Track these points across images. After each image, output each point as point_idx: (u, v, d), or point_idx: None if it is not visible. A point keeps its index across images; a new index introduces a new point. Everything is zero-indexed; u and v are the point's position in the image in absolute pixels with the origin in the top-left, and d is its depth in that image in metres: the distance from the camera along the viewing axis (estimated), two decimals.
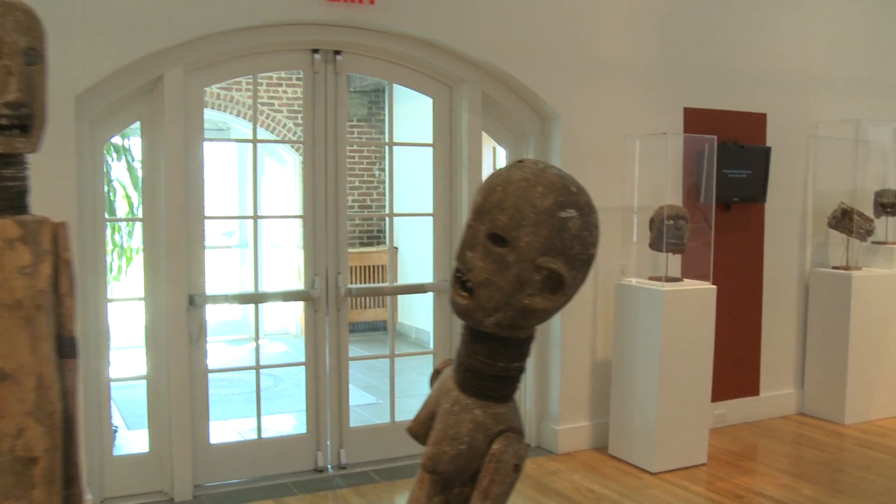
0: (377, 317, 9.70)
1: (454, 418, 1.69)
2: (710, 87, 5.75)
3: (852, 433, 5.87)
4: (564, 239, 1.55)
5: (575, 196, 1.60)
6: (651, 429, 5.00)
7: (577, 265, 1.59)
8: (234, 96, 9.07)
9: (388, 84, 5.32)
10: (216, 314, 8.91)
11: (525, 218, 1.53)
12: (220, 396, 7.10)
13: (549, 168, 1.63)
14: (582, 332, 5.37)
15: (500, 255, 1.55)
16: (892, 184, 6.39)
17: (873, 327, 6.05)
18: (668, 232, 5.03)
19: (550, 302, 1.59)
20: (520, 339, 1.68)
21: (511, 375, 1.73)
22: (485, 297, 1.58)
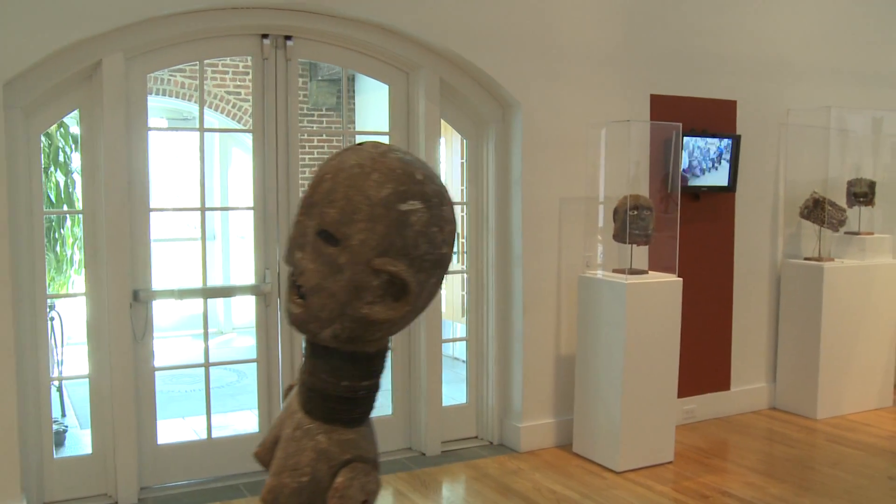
0: None
1: (295, 445, 1.43)
2: (677, 74, 5.58)
3: (824, 428, 5.73)
4: (406, 236, 1.29)
5: (420, 185, 1.32)
6: (615, 426, 4.85)
7: (426, 267, 1.32)
8: (198, 85, 8.83)
9: (342, 71, 5.13)
10: (182, 309, 8.71)
11: (357, 211, 1.28)
12: (180, 393, 6.92)
13: (392, 151, 1.36)
14: (545, 327, 5.21)
15: (331, 256, 1.30)
16: (866, 173, 6.24)
17: (845, 320, 5.91)
18: (631, 223, 4.86)
19: (393, 311, 1.33)
20: (367, 353, 1.42)
21: (360, 396, 1.45)
22: (318, 306, 1.33)
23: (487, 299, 5.30)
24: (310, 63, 9.16)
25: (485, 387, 5.36)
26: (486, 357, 5.33)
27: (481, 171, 5.29)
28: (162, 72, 8.66)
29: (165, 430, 4.99)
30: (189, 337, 8.65)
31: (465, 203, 5.35)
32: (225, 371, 7.45)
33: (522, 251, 5.10)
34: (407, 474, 4.83)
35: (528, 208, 5.09)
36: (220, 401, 6.56)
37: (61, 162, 6.86)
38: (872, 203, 6.12)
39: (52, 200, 7.03)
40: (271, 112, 4.71)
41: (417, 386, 5.14)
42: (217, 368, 7.40)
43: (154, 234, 4.59)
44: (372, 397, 1.48)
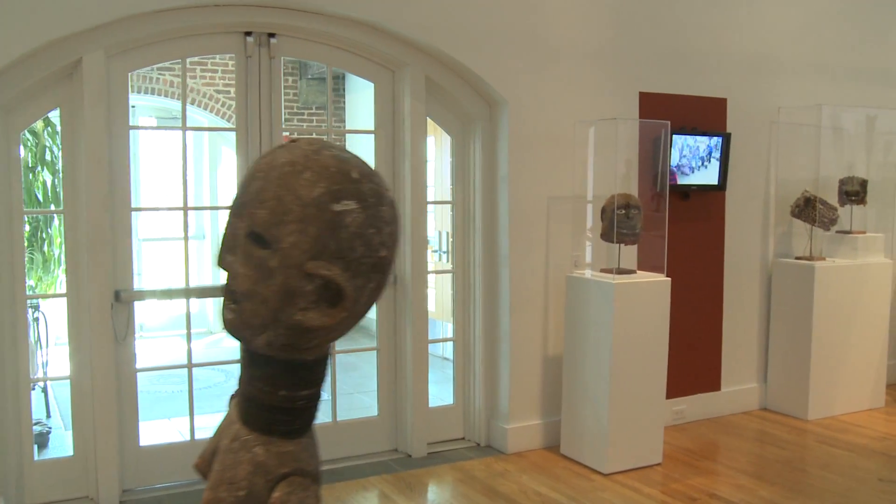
0: None
1: (232, 458, 1.36)
2: (666, 71, 5.53)
3: (815, 429, 5.68)
4: (341, 238, 1.22)
5: (356, 184, 1.25)
6: (602, 427, 4.80)
7: (363, 271, 1.25)
8: (189, 84, 8.78)
9: (328, 69, 5.08)
10: (173, 308, 8.66)
11: (288, 212, 1.20)
12: (168, 394, 6.87)
13: (328, 148, 1.28)
14: (532, 327, 5.16)
15: (262, 260, 1.23)
16: (858, 171, 6.19)
17: (837, 320, 5.86)
18: (619, 222, 4.82)
19: (329, 317, 1.25)
20: (305, 361, 1.34)
21: (299, 406, 1.38)
22: (249, 312, 1.26)
23: (474, 299, 5.25)
24: (299, 62, 9.10)
25: (471, 388, 5.31)
26: (473, 357, 5.28)
27: (468, 170, 5.24)
28: (150, 71, 8.62)
29: (149, 432, 4.95)
30: (179, 337, 8.61)
31: (452, 202, 5.29)
32: (213, 371, 7.40)
33: (509, 250, 5.05)
34: (392, 476, 4.78)
35: (515, 207, 5.04)
36: (208, 401, 6.51)
37: (48, 161, 6.81)
38: (864, 202, 6.07)
39: (40, 199, 6.98)
40: (255, 110, 4.66)
41: (403, 386, 5.09)
42: (205, 368, 7.35)
43: (145, 234, 4.56)
44: (313, 407, 1.41)
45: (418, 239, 4.99)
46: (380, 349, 5.12)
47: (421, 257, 5.02)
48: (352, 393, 6.72)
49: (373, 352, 5.20)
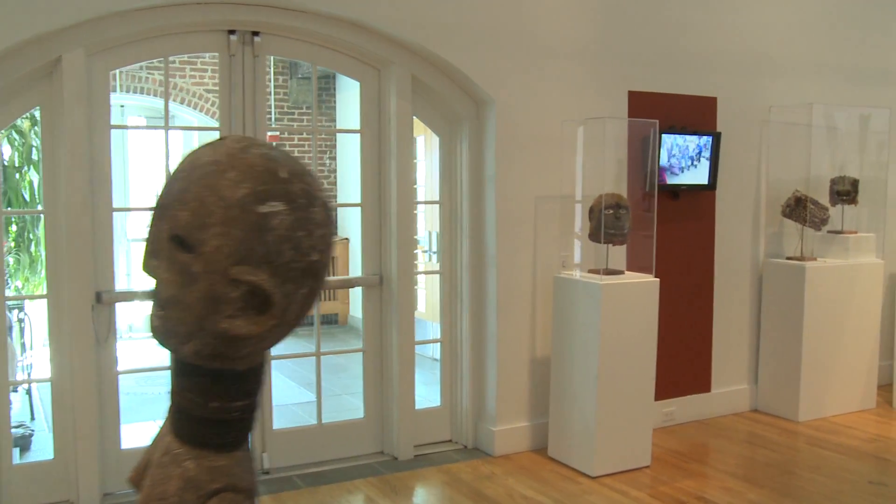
0: (330, 309, 9.41)
1: (162, 473, 1.29)
2: (656, 70, 5.48)
3: (805, 431, 5.64)
4: (268, 242, 1.15)
5: (284, 184, 1.18)
6: (590, 430, 4.75)
7: (293, 276, 1.19)
8: (177, 83, 8.74)
9: (313, 67, 5.03)
10: None
11: (211, 214, 1.14)
12: (155, 395, 6.81)
13: (256, 146, 1.21)
14: (520, 328, 5.11)
15: (185, 265, 1.17)
16: (851, 171, 6.15)
17: (827, 320, 5.81)
18: (607, 222, 4.77)
19: (257, 325, 1.18)
20: (237, 371, 1.27)
21: (233, 418, 1.30)
22: (174, 319, 1.20)
23: (461, 300, 5.20)
24: (289, 61, 9.05)
25: (458, 389, 5.26)
26: (460, 359, 5.24)
27: (455, 170, 5.19)
28: (139, 70, 8.56)
29: (134, 434, 4.89)
30: None
31: (440, 202, 5.24)
32: None
33: (496, 251, 5.00)
34: (377, 479, 4.73)
35: (503, 207, 4.99)
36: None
37: (35, 160, 6.76)
38: (856, 201, 6.03)
39: (27, 199, 6.93)
40: (238, 109, 4.61)
41: (389, 388, 5.04)
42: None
43: (134, 234, 4.49)
44: (247, 419, 1.34)
45: (405, 239, 4.94)
46: (366, 350, 5.07)
47: (407, 257, 4.97)
48: (340, 395, 6.67)
49: (361, 353, 5.14)
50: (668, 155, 5.43)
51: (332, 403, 6.47)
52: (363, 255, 5.06)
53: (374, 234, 5.01)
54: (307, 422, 5.48)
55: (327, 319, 9.46)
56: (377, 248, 5.02)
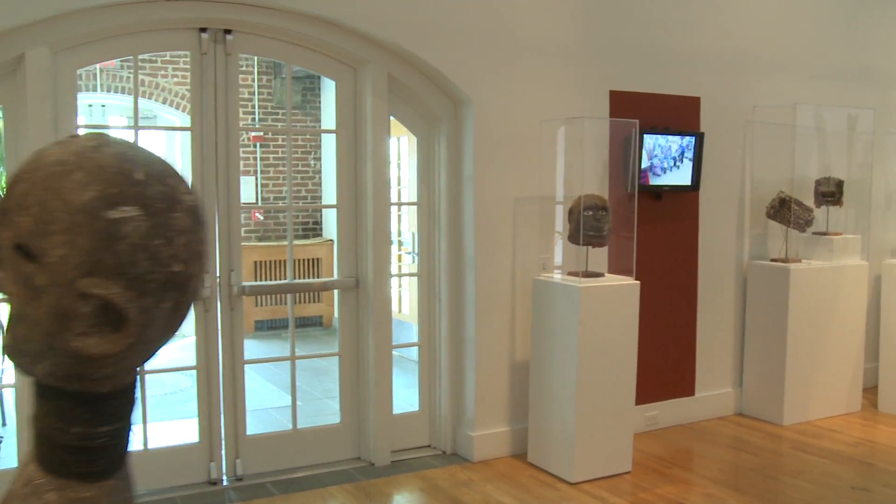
0: (315, 312, 9.32)
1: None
2: (638, 69, 5.40)
3: (790, 435, 5.56)
4: (119, 251, 1.03)
5: (139, 186, 1.06)
6: (569, 435, 4.67)
7: (151, 289, 1.06)
8: (159, 83, 8.64)
9: (287, 66, 4.93)
10: None
11: (54, 220, 1.02)
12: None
13: (111, 145, 1.08)
14: (499, 331, 5.02)
15: (30, 276, 1.05)
16: (835, 171, 6.07)
17: (813, 323, 5.74)
18: (586, 224, 4.68)
19: (112, 344, 1.06)
20: (100, 393, 1.14)
21: (99, 444, 1.16)
22: (22, 337, 1.08)
23: (439, 302, 5.11)
24: (273, 60, 8.95)
25: (437, 394, 5.17)
26: (439, 363, 5.15)
27: (433, 170, 5.10)
28: (120, 69, 8.46)
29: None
30: None
31: (417, 203, 5.16)
32: (181, 376, 7.23)
33: (475, 253, 4.91)
34: (353, 486, 4.64)
35: (481, 208, 4.91)
36: (173, 407, 6.37)
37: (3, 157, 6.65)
38: (840, 203, 5.96)
39: None
40: (210, 109, 4.51)
41: (366, 393, 4.95)
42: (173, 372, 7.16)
43: None
44: (118, 445, 1.19)
45: (381, 241, 4.85)
46: (342, 354, 4.98)
47: (383, 259, 4.88)
48: (321, 398, 6.58)
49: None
50: (649, 155, 5.35)
51: (313, 407, 6.38)
52: (338, 257, 4.97)
53: (349, 235, 4.92)
54: (282, 427, 5.38)
55: (311, 322, 9.37)
56: (353, 250, 4.93)
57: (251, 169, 9.16)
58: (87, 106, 8.75)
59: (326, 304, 9.09)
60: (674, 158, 5.40)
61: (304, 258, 9.17)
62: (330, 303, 9.15)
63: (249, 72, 9.20)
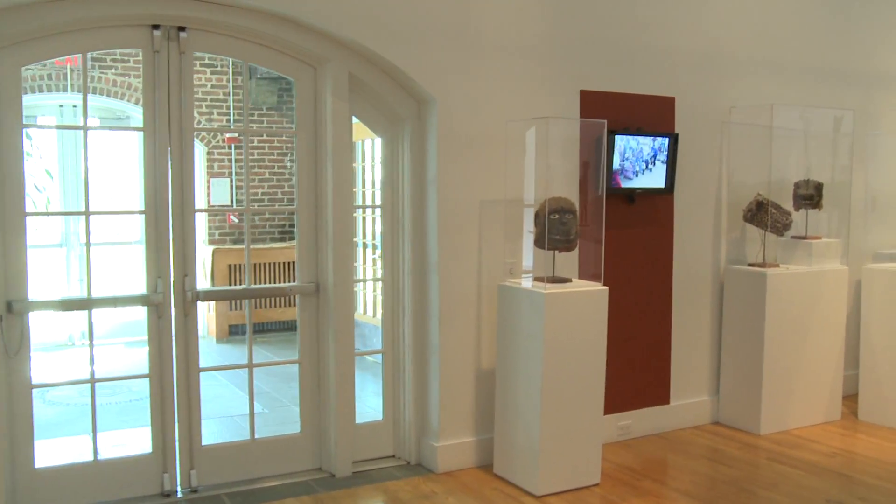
0: (291, 316, 9.16)
1: None
2: (610, 69, 5.25)
3: (766, 445, 5.41)
4: None
5: None
6: (534, 446, 4.51)
7: None
8: (131, 83, 8.48)
9: (244, 65, 4.78)
10: (118, 315, 8.34)
11: None
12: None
13: None
14: (464, 338, 4.87)
15: None
16: (815, 174, 5.93)
17: (791, 329, 5.59)
18: (552, 227, 4.53)
19: None
20: None
21: None
22: None
23: (403, 308, 4.97)
24: None
25: (401, 402, 5.02)
26: (403, 370, 5.00)
27: (397, 172, 4.96)
28: (92, 69, 8.32)
29: (50, 452, 4.64)
30: (122, 346, 8.30)
31: (381, 206, 5.01)
32: (139, 383, 7.07)
33: (438, 257, 4.76)
34: (311, 498, 4.48)
35: (445, 211, 4.76)
36: (134, 414, 6.22)
37: None
38: (820, 206, 5.81)
39: None
40: (164, 109, 4.36)
41: (327, 401, 4.80)
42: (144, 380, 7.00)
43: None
44: None
45: (342, 245, 4.71)
46: (301, 362, 4.83)
47: (345, 264, 4.73)
48: (288, 406, 6.42)
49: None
50: (621, 157, 5.20)
51: (280, 415, 6.24)
52: (298, 261, 4.82)
53: (310, 239, 4.78)
54: (239, 437, 5.20)
55: (288, 326, 9.22)
56: (314, 254, 4.78)
57: (226, 171, 9.02)
58: (58, 106, 8.59)
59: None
60: (645, 161, 5.25)
61: (281, 261, 9.02)
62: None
63: (224, 72, 9.05)
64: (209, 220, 9.12)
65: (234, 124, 9.15)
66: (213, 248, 8.79)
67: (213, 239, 9.05)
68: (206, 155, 8.98)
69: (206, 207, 9.17)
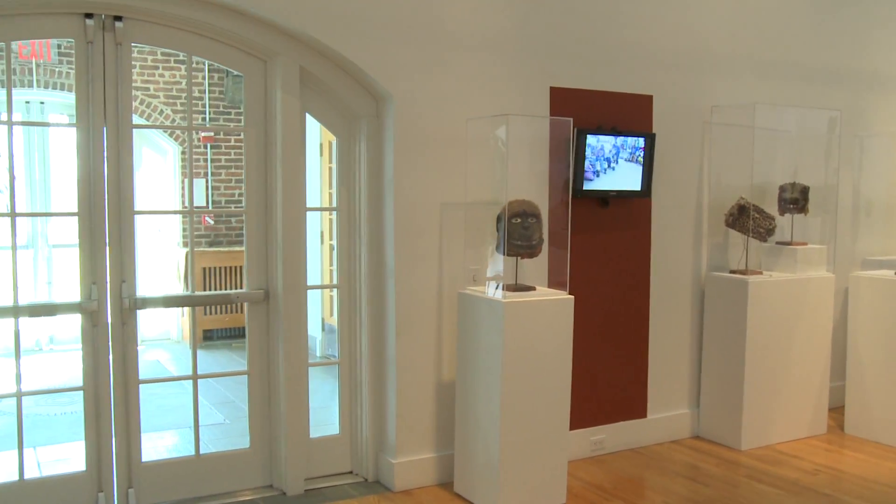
0: None
1: None
2: (583, 64, 4.97)
3: (747, 461, 5.12)
4: None
5: None
6: (494, 463, 4.23)
7: None
8: None
9: (189, 58, 4.51)
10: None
11: None
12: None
13: None
14: (423, 349, 4.60)
15: None
16: (801, 177, 5.64)
17: (773, 339, 5.30)
18: (513, 232, 4.26)
19: None
20: None
21: None
22: None
23: (360, 317, 4.69)
24: None
25: (358, 416, 4.75)
26: (360, 382, 4.73)
27: (353, 172, 4.69)
28: (60, 65, 8.07)
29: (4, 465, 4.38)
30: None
31: (337, 208, 4.74)
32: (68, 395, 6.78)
33: (395, 263, 4.49)
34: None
35: (403, 214, 4.48)
36: (57, 430, 5.94)
37: None
38: (806, 210, 5.53)
39: None
40: (99, 104, 4.10)
41: (277, 415, 4.53)
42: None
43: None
44: None
45: (291, 250, 4.43)
46: (250, 372, 4.56)
47: (296, 270, 4.46)
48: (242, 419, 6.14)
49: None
50: (594, 158, 4.91)
51: (243, 426, 5.92)
52: (247, 267, 4.55)
53: (259, 244, 4.50)
54: (183, 453, 4.94)
55: None
56: (263, 259, 4.51)
57: (202, 171, 8.76)
58: (24, 103, 8.33)
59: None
60: (607, 160, 4.96)
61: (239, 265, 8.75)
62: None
63: (200, 69, 8.79)
64: (183, 222, 8.86)
65: (209, 122, 8.89)
66: (186, 250, 8.53)
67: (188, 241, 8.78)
68: (181, 155, 8.72)
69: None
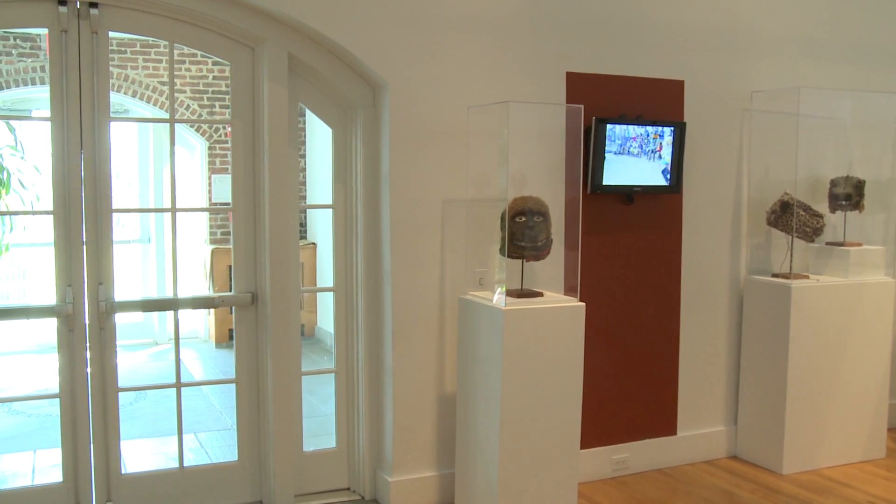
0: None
1: None
2: (604, 47, 4.54)
3: (788, 488, 4.61)
4: None
5: None
6: (493, 484, 3.86)
7: None
8: (129, 74, 8.09)
9: (170, 47, 4.24)
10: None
11: None
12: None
13: None
14: (423, 359, 4.24)
15: None
16: (854, 170, 5.09)
17: (820, 350, 4.78)
18: (517, 232, 3.86)
19: None
20: None
21: None
22: None
23: (357, 324, 4.37)
24: None
25: (355, 430, 4.43)
26: (357, 394, 4.40)
27: (349, 167, 4.36)
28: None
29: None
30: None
31: (332, 206, 4.41)
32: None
33: (392, 265, 4.15)
34: None
35: (400, 211, 4.14)
36: (32, 438, 5.75)
37: None
38: (861, 207, 4.98)
39: None
40: (74, 96, 3.86)
41: (266, 427, 4.24)
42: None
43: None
44: None
45: (281, 251, 4.13)
46: (238, 381, 4.28)
47: (285, 272, 4.15)
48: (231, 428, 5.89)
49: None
50: (617, 150, 4.48)
51: (230, 435, 5.69)
52: (235, 269, 4.27)
53: (246, 244, 4.22)
54: (167, 466, 4.68)
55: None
56: (251, 261, 4.22)
57: (228, 167, 8.55)
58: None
59: (308, 311, 8.41)
60: (631, 152, 4.51)
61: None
62: (312, 309, 8.49)
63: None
64: (210, 219, 8.69)
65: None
66: (212, 247, 8.35)
67: (215, 238, 8.60)
68: (208, 150, 8.55)
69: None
